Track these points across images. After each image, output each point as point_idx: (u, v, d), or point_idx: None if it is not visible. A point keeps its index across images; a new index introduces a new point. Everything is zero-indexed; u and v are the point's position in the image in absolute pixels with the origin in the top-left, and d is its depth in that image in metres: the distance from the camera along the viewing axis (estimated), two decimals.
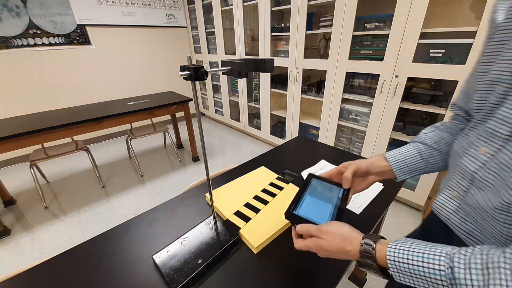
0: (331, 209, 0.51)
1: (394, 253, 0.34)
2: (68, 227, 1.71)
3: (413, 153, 0.51)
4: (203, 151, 0.57)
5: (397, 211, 1.77)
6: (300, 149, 1.21)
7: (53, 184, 2.24)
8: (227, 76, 1.83)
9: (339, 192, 0.55)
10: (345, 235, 0.40)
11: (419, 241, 0.35)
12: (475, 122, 0.40)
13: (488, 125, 0.36)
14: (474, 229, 0.39)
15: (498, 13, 0.37)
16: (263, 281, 0.54)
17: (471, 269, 0.29)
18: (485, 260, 0.28)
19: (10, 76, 2.41)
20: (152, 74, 3.41)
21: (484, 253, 0.29)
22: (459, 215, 0.41)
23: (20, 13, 2.32)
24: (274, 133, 2.81)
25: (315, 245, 0.42)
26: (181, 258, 0.58)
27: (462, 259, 0.30)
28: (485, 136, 0.37)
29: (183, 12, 3.46)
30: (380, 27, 1.61)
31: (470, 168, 0.38)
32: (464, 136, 0.43)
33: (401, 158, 0.52)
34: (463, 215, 0.41)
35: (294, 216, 0.51)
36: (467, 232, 0.40)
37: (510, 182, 0.31)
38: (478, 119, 0.39)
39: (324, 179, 0.59)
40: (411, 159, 0.51)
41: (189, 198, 0.83)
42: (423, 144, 0.52)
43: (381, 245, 0.36)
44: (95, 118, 1.82)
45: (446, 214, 0.43)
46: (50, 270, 0.58)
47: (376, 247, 0.37)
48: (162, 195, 2.03)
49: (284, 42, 2.27)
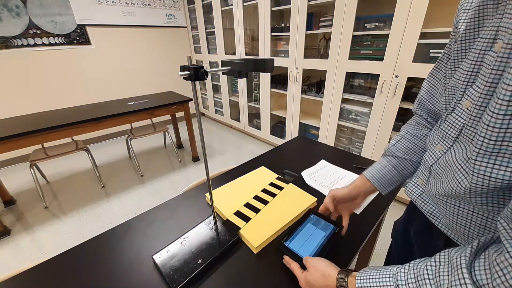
0: (317, 245, 0.58)
1: (361, 283, 0.39)
2: (68, 227, 1.71)
3: (390, 169, 0.58)
4: (203, 151, 0.57)
5: (397, 211, 1.77)
6: (300, 149, 1.21)
7: (53, 184, 2.24)
8: (227, 76, 1.83)
9: (331, 230, 0.62)
10: (323, 271, 0.45)
11: (378, 267, 0.40)
12: (441, 121, 0.46)
13: (442, 126, 0.43)
14: (434, 210, 0.47)
15: (460, 23, 0.41)
16: (263, 281, 0.54)
17: (409, 284, 0.34)
18: (416, 274, 0.34)
19: (10, 76, 2.41)
20: (152, 74, 3.41)
21: (415, 267, 0.35)
22: (423, 199, 0.49)
23: (20, 13, 2.32)
24: (274, 133, 2.81)
25: (304, 278, 0.48)
26: (181, 258, 0.58)
27: (403, 277, 0.35)
28: (441, 136, 0.43)
29: (183, 12, 3.46)
30: (380, 27, 1.61)
31: (428, 161, 0.46)
32: (432, 132, 0.50)
33: (380, 176, 0.58)
34: (425, 199, 0.49)
35: (283, 247, 0.58)
36: (429, 212, 0.48)
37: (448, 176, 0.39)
38: (443, 119, 0.44)
39: (322, 216, 0.66)
40: (389, 175, 0.58)
41: (189, 198, 0.83)
42: (395, 157, 0.58)
43: (352, 278, 0.41)
44: (95, 118, 1.82)
45: (414, 197, 0.51)
46: (50, 270, 0.58)
47: (348, 280, 0.41)
48: (162, 195, 2.03)
49: (284, 42, 2.27)
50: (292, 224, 0.69)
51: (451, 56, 0.43)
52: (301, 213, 0.72)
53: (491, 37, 0.33)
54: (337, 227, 0.63)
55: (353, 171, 0.96)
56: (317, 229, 0.63)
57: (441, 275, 0.31)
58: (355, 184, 0.60)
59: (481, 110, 0.33)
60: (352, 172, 0.95)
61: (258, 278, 0.55)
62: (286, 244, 0.59)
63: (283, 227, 0.68)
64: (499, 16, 0.32)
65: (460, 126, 0.38)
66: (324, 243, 0.59)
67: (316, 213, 0.68)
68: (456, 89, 0.40)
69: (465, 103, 0.37)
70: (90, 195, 2.05)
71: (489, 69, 0.32)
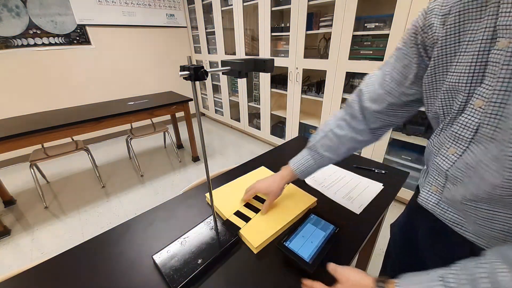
0: (317, 245, 0.58)
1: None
2: (68, 227, 1.71)
3: (311, 163, 0.67)
4: (203, 151, 0.57)
5: (397, 211, 1.77)
6: (300, 149, 1.20)
7: (53, 184, 2.24)
8: (227, 76, 1.83)
9: (331, 230, 0.63)
10: (359, 281, 0.44)
11: (416, 273, 0.39)
12: (444, 125, 0.44)
13: (453, 129, 0.41)
14: (457, 217, 0.45)
15: (434, 28, 0.41)
16: (263, 281, 0.54)
17: (463, 285, 0.32)
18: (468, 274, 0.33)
19: (10, 76, 2.41)
20: (152, 74, 3.41)
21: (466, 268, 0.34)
22: (441, 207, 0.47)
23: (20, 13, 2.32)
24: (274, 133, 2.81)
25: None
26: (181, 258, 0.58)
27: (453, 278, 0.34)
28: (453, 139, 0.42)
29: (183, 12, 3.46)
30: (380, 27, 1.61)
31: (443, 166, 0.44)
32: (435, 136, 0.47)
33: (303, 168, 0.68)
34: (444, 206, 0.47)
35: (283, 247, 0.58)
36: (451, 221, 0.46)
37: (474, 179, 0.37)
38: (446, 123, 0.43)
39: (322, 216, 0.68)
40: (311, 168, 0.67)
41: (189, 198, 0.83)
42: (316, 153, 0.66)
43: (389, 284, 0.39)
44: (95, 118, 1.82)
45: (430, 207, 0.49)
46: (50, 270, 0.58)
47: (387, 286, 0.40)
48: (162, 195, 2.03)
49: (284, 42, 2.27)
50: (292, 224, 0.69)
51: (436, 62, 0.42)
52: (301, 213, 0.72)
53: (488, 37, 0.34)
54: (337, 227, 0.63)
55: (353, 171, 0.96)
56: (317, 229, 0.63)
57: None
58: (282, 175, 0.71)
59: (498, 107, 0.33)
60: (352, 172, 0.95)
61: (258, 278, 0.55)
62: (286, 244, 0.59)
63: (283, 227, 0.68)
64: (491, 17, 0.33)
65: (475, 126, 0.37)
66: (324, 243, 0.59)
67: (316, 213, 0.68)
68: (456, 92, 0.40)
69: (477, 103, 0.37)
70: (90, 195, 2.05)
71: (498, 66, 0.33)
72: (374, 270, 1.27)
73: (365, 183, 0.88)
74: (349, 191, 0.84)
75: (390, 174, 0.93)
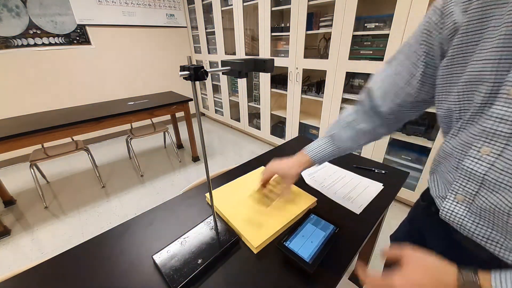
0: (317, 245, 0.58)
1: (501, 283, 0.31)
2: (68, 227, 1.71)
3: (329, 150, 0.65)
4: (203, 151, 0.57)
5: (397, 211, 1.77)
6: (300, 149, 1.20)
7: (53, 184, 2.24)
8: (227, 76, 1.83)
9: (331, 230, 0.63)
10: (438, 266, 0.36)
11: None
12: (463, 122, 0.39)
13: (485, 124, 0.35)
14: (491, 232, 0.39)
15: (456, 15, 0.38)
16: (263, 281, 0.54)
17: None
18: None
19: (10, 77, 2.41)
20: (152, 74, 3.41)
21: None
22: (471, 220, 0.40)
23: (20, 13, 2.32)
24: (274, 133, 2.81)
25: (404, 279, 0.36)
26: (181, 258, 0.58)
27: None
28: (485, 136, 0.36)
29: (183, 12, 3.46)
30: (380, 27, 1.61)
31: (477, 170, 0.37)
32: (452, 137, 0.42)
33: (320, 155, 0.65)
34: (476, 219, 0.40)
35: (283, 247, 0.58)
36: (484, 237, 0.40)
37: None
38: (466, 119, 0.39)
39: (322, 216, 0.68)
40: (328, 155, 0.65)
41: (189, 198, 0.83)
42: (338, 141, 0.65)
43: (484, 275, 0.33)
44: (95, 118, 1.82)
45: (458, 220, 0.42)
46: (50, 270, 0.58)
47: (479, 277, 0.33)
48: (162, 195, 2.03)
49: (284, 42, 2.27)
50: (292, 224, 0.69)
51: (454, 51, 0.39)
52: (301, 213, 0.72)
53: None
54: (337, 227, 0.63)
55: (353, 171, 0.96)
56: (317, 229, 0.63)
57: None
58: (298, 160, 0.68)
59: None
60: (352, 172, 0.95)
61: (258, 278, 0.55)
62: (286, 244, 0.59)
63: (283, 227, 0.68)
64: None
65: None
66: (324, 243, 0.59)
67: (316, 213, 0.68)
68: (479, 82, 0.36)
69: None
70: (90, 195, 2.05)
71: None
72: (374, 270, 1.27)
73: (365, 183, 0.88)
74: (349, 191, 0.84)
75: (390, 174, 0.93)
